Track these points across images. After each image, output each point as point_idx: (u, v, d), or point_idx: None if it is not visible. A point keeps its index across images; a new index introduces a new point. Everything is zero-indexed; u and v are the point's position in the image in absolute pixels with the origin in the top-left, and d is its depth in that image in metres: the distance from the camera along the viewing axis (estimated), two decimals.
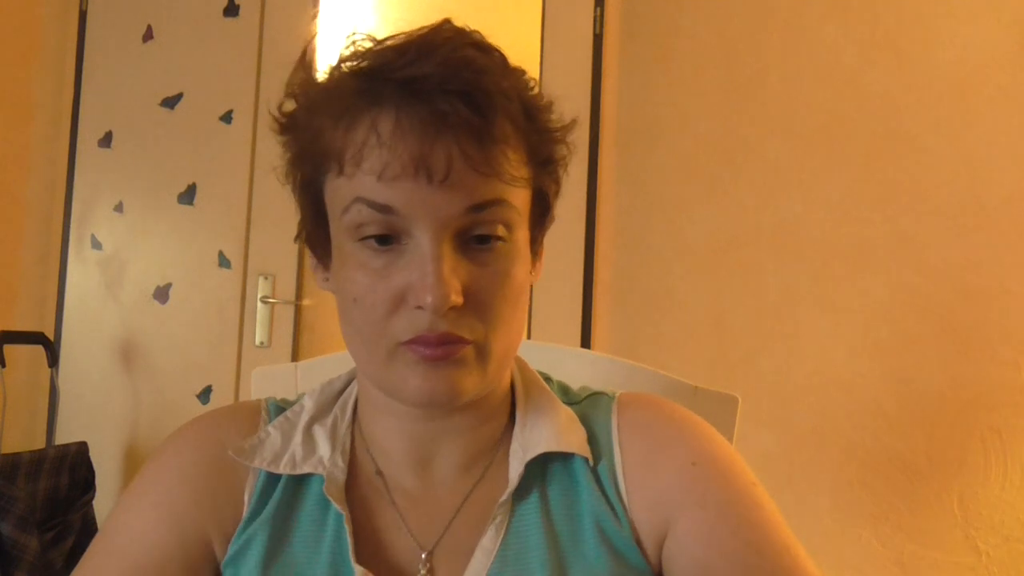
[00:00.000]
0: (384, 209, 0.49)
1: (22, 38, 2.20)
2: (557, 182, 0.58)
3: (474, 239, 0.51)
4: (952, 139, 1.54)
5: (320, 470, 0.57)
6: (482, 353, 0.52)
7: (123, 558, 0.54)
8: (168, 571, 0.54)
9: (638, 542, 0.56)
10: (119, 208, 2.15)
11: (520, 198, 0.53)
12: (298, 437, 0.59)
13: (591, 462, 0.58)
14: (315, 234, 0.56)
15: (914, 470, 1.51)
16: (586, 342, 1.75)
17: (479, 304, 0.51)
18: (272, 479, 0.58)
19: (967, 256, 1.51)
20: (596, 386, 0.66)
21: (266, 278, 2.01)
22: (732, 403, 0.81)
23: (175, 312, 2.07)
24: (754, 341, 1.64)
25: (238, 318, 2.02)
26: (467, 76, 0.49)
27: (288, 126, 0.58)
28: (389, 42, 0.52)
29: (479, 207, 0.50)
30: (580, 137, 1.71)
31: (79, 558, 0.57)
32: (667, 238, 1.73)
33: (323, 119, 0.54)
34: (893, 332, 1.54)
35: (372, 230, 0.50)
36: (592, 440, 0.59)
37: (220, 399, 2.01)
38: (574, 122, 0.58)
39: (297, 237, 0.58)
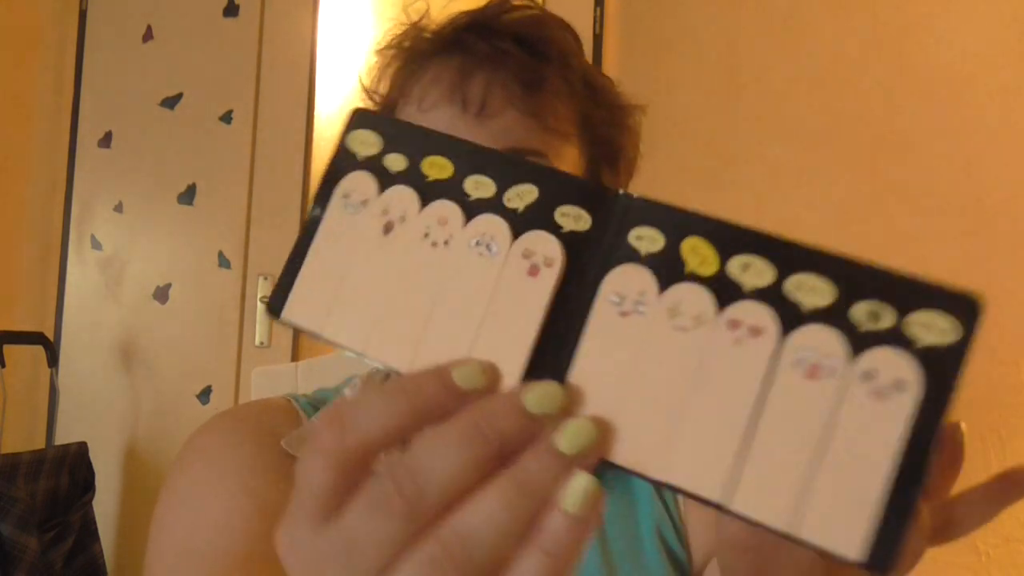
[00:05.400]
0: None
1: (22, 38, 2.20)
2: (614, 169, 0.57)
3: None
4: (952, 139, 1.54)
5: None
6: None
7: (216, 557, 0.49)
8: (273, 557, 0.50)
9: (689, 557, 0.56)
10: (119, 208, 2.15)
11: (566, 161, 0.52)
12: None
13: None
14: None
15: None
16: None
17: None
18: None
19: (967, 256, 1.51)
20: None
21: (266, 278, 2.01)
22: None
23: (175, 312, 2.07)
24: None
25: (238, 318, 2.02)
26: (531, 25, 0.51)
27: (369, 100, 0.58)
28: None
29: (516, 152, 0.49)
30: None
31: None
32: None
33: (394, 75, 0.55)
34: None
35: None
36: None
37: (220, 399, 2.01)
38: (636, 107, 0.58)
39: None
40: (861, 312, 0.25)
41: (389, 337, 0.29)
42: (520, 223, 0.29)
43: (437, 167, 0.30)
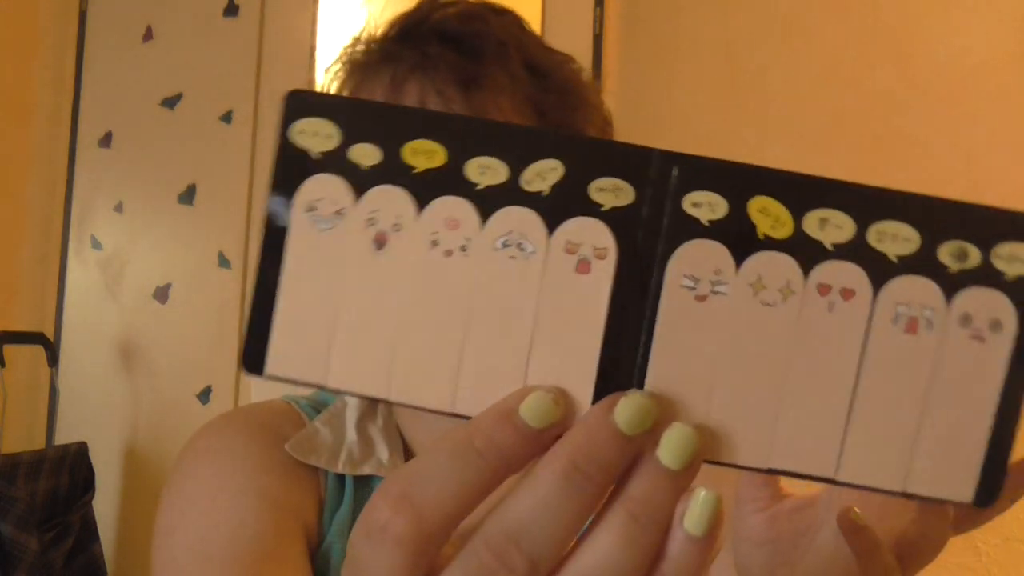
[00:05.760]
0: None
1: (22, 38, 2.20)
2: None
3: None
4: (952, 139, 1.54)
5: (382, 472, 0.54)
6: None
7: (230, 559, 0.48)
8: (289, 556, 0.49)
9: None
10: (119, 208, 2.15)
11: None
12: (351, 435, 0.56)
13: None
14: None
15: None
16: None
17: None
18: (340, 476, 0.55)
19: None
20: None
21: None
22: None
23: (175, 312, 2.07)
24: None
25: (238, 318, 2.02)
26: (460, 22, 0.49)
27: None
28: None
29: None
30: None
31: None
32: None
33: (338, 91, 0.54)
34: None
35: None
36: None
37: (220, 399, 2.01)
38: (592, 83, 0.56)
39: None
40: (948, 253, 0.23)
41: (416, 375, 0.24)
42: (551, 210, 0.24)
43: (425, 154, 0.24)
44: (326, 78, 0.56)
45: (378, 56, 0.52)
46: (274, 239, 0.25)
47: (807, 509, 0.37)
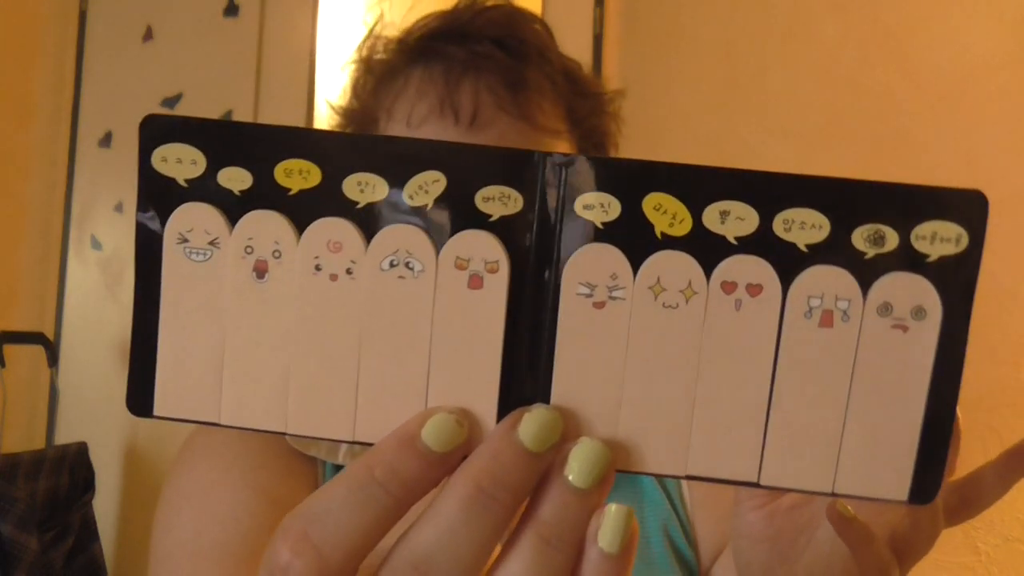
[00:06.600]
0: None
1: (22, 38, 2.20)
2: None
3: None
4: (952, 139, 1.54)
5: None
6: None
7: (223, 555, 0.47)
8: None
9: (696, 556, 0.55)
10: (119, 208, 2.15)
11: None
12: None
13: None
14: None
15: None
16: None
17: None
18: (338, 466, 0.55)
19: None
20: None
21: None
22: None
23: None
24: None
25: None
26: (505, 25, 0.50)
27: (345, 120, 0.57)
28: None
29: None
30: None
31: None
32: None
33: (371, 91, 0.54)
34: None
35: None
36: None
37: None
38: (619, 91, 0.57)
39: None
40: (863, 238, 0.22)
41: (312, 405, 0.23)
42: (436, 225, 0.23)
43: (298, 174, 0.23)
44: (348, 73, 0.56)
45: (419, 55, 0.51)
46: (148, 274, 0.24)
47: (806, 506, 0.37)
